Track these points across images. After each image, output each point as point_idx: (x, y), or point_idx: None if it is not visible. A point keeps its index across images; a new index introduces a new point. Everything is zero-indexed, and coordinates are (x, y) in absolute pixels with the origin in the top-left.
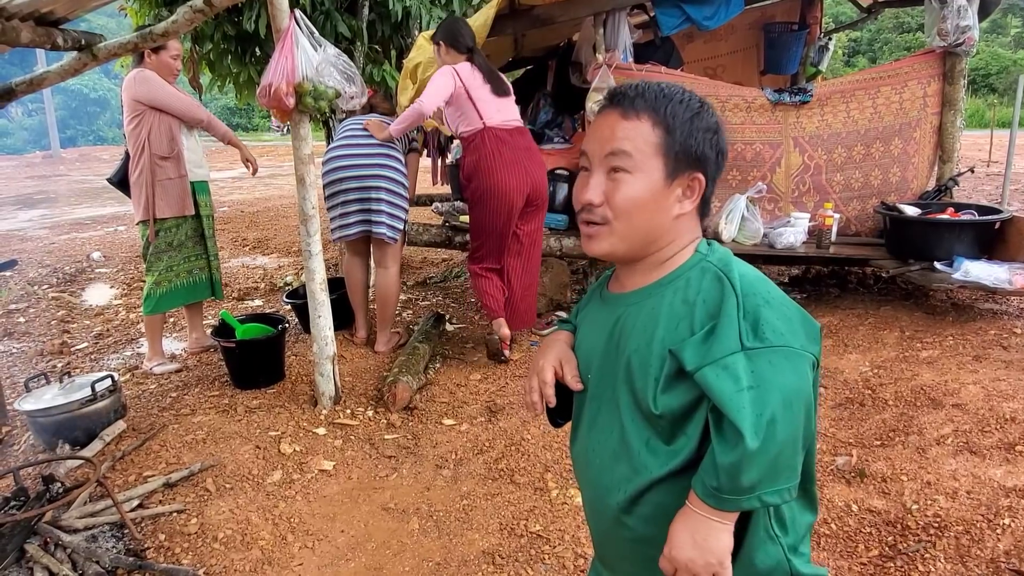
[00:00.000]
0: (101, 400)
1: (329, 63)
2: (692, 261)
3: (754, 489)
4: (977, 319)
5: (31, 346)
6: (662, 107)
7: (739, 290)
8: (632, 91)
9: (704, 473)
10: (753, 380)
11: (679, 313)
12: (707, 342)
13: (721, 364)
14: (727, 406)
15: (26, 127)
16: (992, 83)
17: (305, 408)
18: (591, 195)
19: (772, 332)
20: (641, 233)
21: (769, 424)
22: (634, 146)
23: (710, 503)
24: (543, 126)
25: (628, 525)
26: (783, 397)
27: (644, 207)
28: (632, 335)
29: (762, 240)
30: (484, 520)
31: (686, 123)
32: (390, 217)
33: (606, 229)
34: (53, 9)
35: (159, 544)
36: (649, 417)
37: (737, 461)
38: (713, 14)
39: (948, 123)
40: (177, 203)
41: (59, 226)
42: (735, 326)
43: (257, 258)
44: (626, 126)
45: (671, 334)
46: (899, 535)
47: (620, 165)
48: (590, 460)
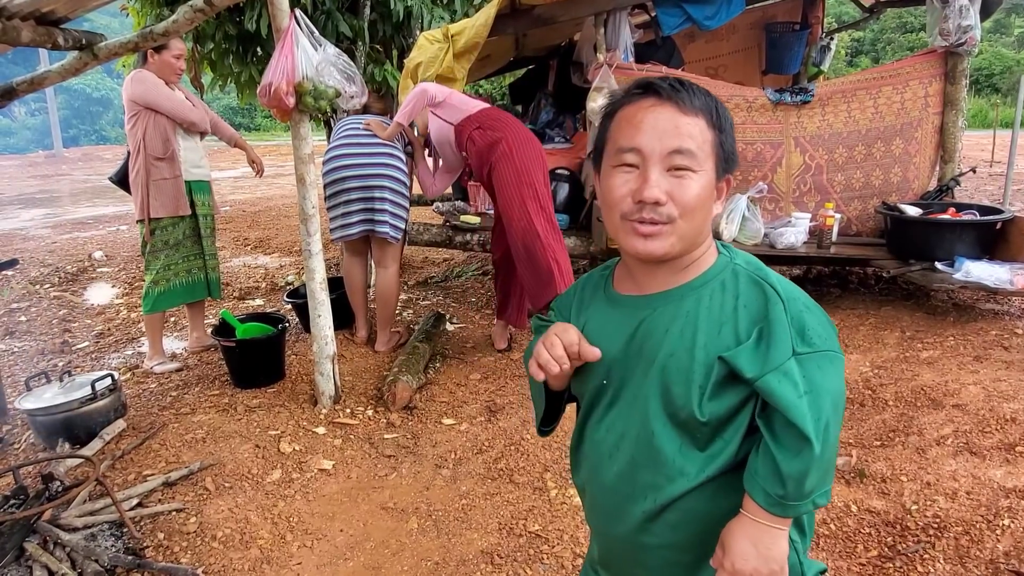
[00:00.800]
0: (101, 399)
1: (329, 62)
2: (720, 263)
3: (812, 493)
4: (978, 319)
5: (32, 345)
6: (713, 107)
7: (783, 295)
8: (681, 87)
9: (764, 481)
10: (807, 385)
11: (720, 318)
12: (761, 348)
13: (782, 370)
14: (792, 412)
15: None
16: (995, 83)
17: (305, 407)
18: (657, 192)
19: (817, 337)
20: (696, 233)
21: (826, 428)
22: (697, 144)
23: (775, 512)
24: (544, 126)
25: (653, 531)
26: (832, 400)
27: (704, 207)
28: (665, 340)
29: (763, 240)
30: (483, 520)
31: (730, 126)
32: (393, 216)
33: (669, 228)
34: (54, 8)
35: (158, 543)
36: (688, 423)
37: (805, 468)
38: (714, 14)
39: (950, 123)
40: (171, 203)
41: (61, 225)
42: (787, 331)
43: (259, 257)
44: (689, 123)
45: (714, 340)
46: (898, 536)
47: (686, 163)
48: (606, 467)
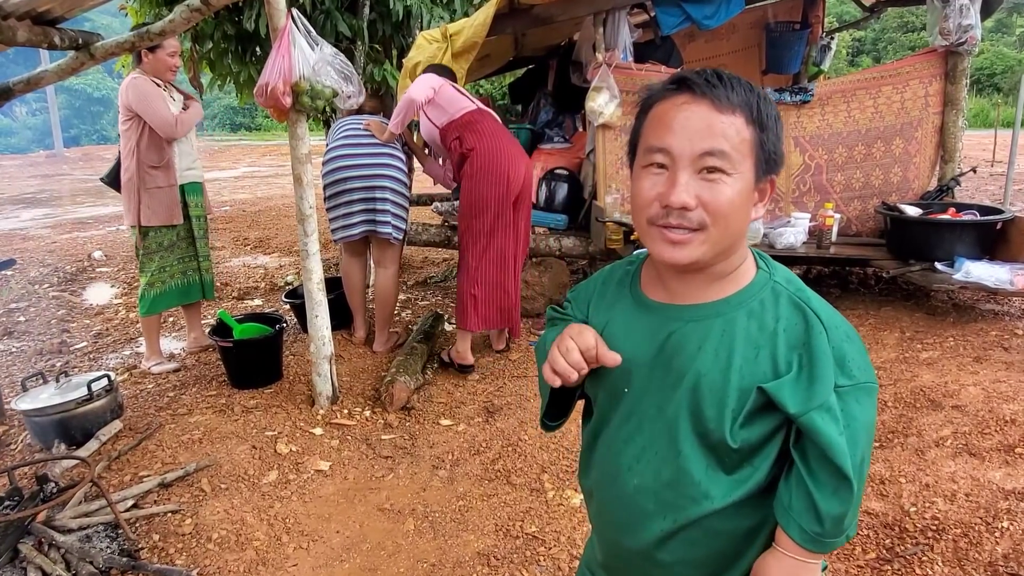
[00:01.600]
0: (97, 400)
1: (326, 62)
2: (760, 280)
3: (848, 528)
4: (978, 320)
5: (31, 345)
6: (754, 102)
7: (826, 323)
8: (719, 81)
9: (800, 518)
10: (845, 420)
11: (758, 342)
12: (803, 382)
13: (825, 407)
14: (834, 451)
15: (30, 126)
16: (997, 83)
17: (302, 408)
18: (686, 197)
19: (858, 369)
20: (731, 239)
21: (861, 463)
22: (732, 145)
23: (812, 548)
24: (544, 125)
25: (669, 548)
26: (867, 435)
27: (739, 212)
28: (698, 357)
29: (762, 240)
30: (480, 521)
31: (775, 122)
32: (395, 217)
33: (701, 235)
34: (50, 8)
35: (153, 544)
36: (716, 447)
37: (844, 507)
38: (713, 13)
39: (950, 123)
40: (165, 212)
41: (61, 225)
42: (830, 365)
43: (258, 257)
44: (723, 121)
45: (751, 365)
46: (897, 538)
47: (718, 165)
48: (625, 480)
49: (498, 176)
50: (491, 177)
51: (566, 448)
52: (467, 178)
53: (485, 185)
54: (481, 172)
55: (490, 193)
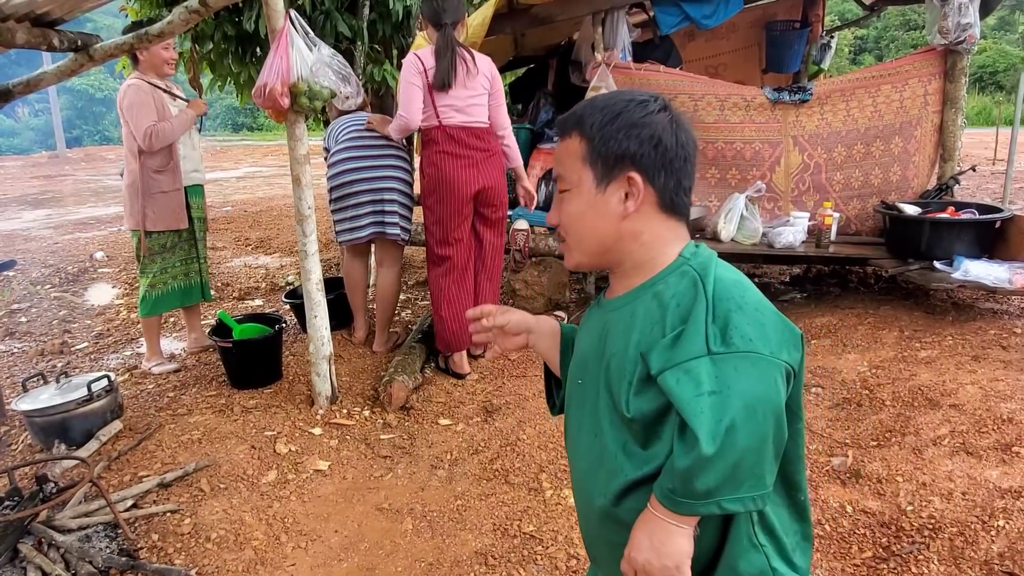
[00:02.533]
0: (97, 400)
1: (324, 63)
2: (673, 265)
3: (711, 495)
4: (977, 319)
5: (32, 346)
6: (587, 119)
7: (710, 294)
8: (569, 114)
9: (663, 475)
10: (716, 385)
11: (654, 316)
12: (673, 346)
13: (683, 368)
14: (684, 410)
15: (32, 127)
16: (999, 81)
17: (302, 408)
18: (551, 218)
19: (740, 338)
20: (591, 242)
21: (728, 431)
22: (566, 165)
23: (666, 505)
24: (543, 125)
25: (610, 527)
26: (745, 404)
27: (583, 218)
28: (614, 339)
29: (761, 239)
30: (478, 520)
31: (603, 127)
32: (402, 218)
33: (567, 244)
34: (49, 10)
35: (152, 544)
36: (625, 421)
37: (692, 466)
38: (712, 12)
39: (949, 121)
40: (170, 217)
41: (63, 226)
42: (702, 330)
43: (259, 257)
44: (560, 148)
45: (646, 337)
46: (893, 536)
47: (562, 186)
48: (576, 463)
49: (445, 195)
50: (437, 196)
51: (563, 448)
52: (423, 193)
53: (434, 202)
54: (428, 192)
55: (439, 211)
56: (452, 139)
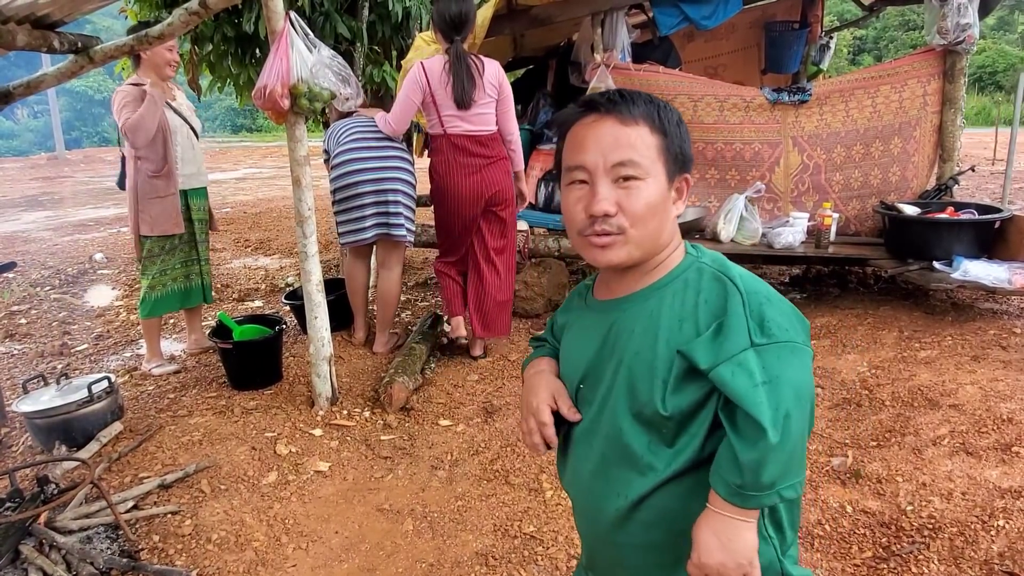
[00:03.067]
0: (98, 402)
1: (324, 64)
2: (686, 263)
3: (774, 484)
4: (976, 319)
5: (32, 347)
6: (655, 112)
7: (742, 288)
8: (621, 98)
9: (725, 472)
10: (765, 375)
11: (681, 314)
12: (718, 340)
13: (735, 361)
14: (746, 401)
15: (31, 129)
16: (999, 81)
17: (302, 409)
18: (606, 205)
19: (778, 328)
20: (653, 238)
21: (785, 418)
22: (640, 153)
23: (735, 502)
24: (543, 126)
25: (628, 530)
26: (794, 391)
27: (656, 211)
28: (631, 339)
29: (761, 240)
30: (478, 521)
31: (676, 126)
32: (407, 219)
33: (622, 238)
34: (50, 12)
35: (153, 545)
36: (653, 419)
37: (760, 457)
38: (711, 13)
39: (948, 122)
40: (166, 222)
41: (63, 227)
42: (744, 323)
43: (259, 259)
44: (629, 133)
45: (676, 335)
46: (893, 536)
47: (632, 173)
48: (582, 467)
49: (451, 208)
50: (446, 206)
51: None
52: (432, 200)
53: (443, 213)
54: (438, 202)
55: (449, 222)
56: (456, 148)
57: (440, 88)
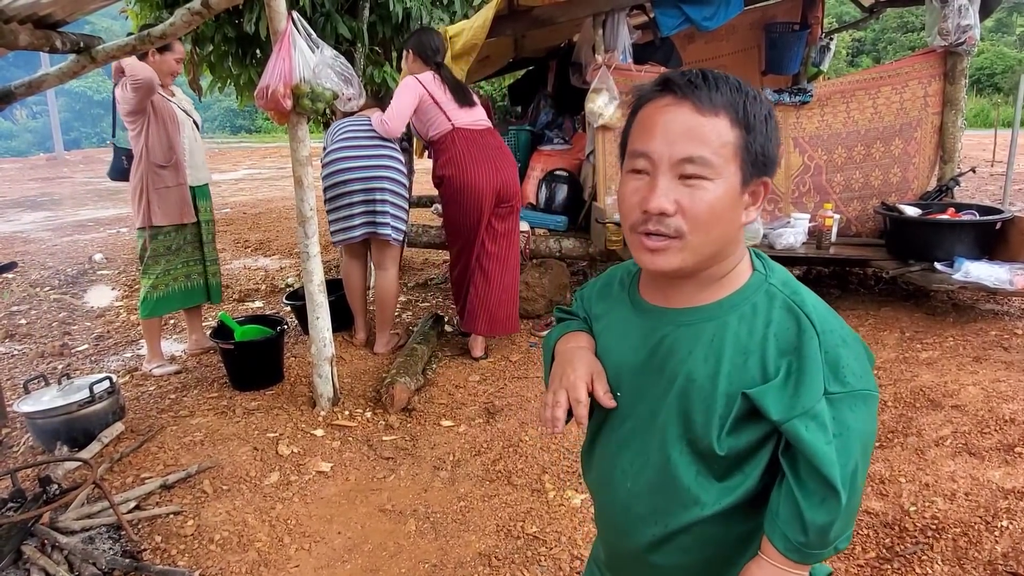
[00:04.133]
0: (99, 402)
1: (326, 65)
2: (754, 283)
3: (835, 540)
4: (978, 320)
5: (32, 348)
6: (740, 103)
7: (819, 328)
8: (703, 81)
9: (786, 527)
10: (836, 428)
11: (748, 346)
12: (789, 388)
13: (810, 415)
14: (820, 460)
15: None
16: (997, 82)
17: (304, 410)
18: (664, 203)
19: (852, 376)
20: (715, 246)
21: (853, 475)
22: (713, 149)
23: (793, 558)
24: (543, 127)
25: (663, 553)
26: (863, 444)
27: (722, 218)
28: (687, 362)
29: (762, 241)
30: (481, 522)
31: (763, 122)
32: (394, 219)
33: (678, 243)
34: (52, 12)
35: (156, 546)
36: (706, 454)
37: (831, 519)
38: (713, 14)
39: (949, 123)
40: (175, 211)
41: (62, 228)
42: (819, 370)
43: (259, 259)
44: (704, 124)
45: (739, 371)
46: (897, 537)
47: (699, 172)
48: (619, 484)
49: (467, 205)
50: (459, 203)
51: (567, 449)
52: (443, 202)
53: (454, 211)
54: (450, 200)
55: (461, 220)
56: (466, 138)
57: (439, 91)
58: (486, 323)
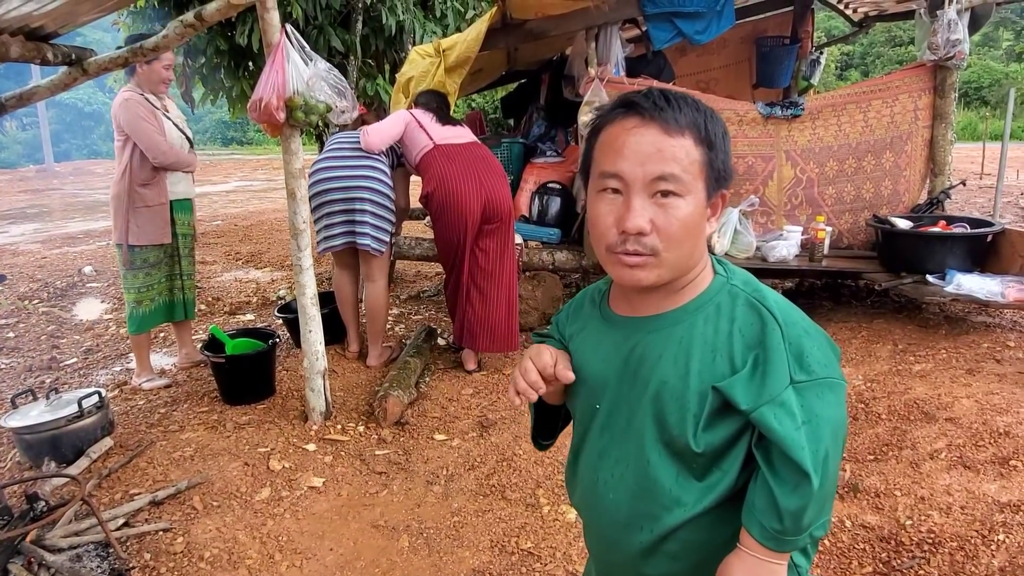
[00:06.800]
0: (88, 417)
1: (320, 77)
2: (716, 285)
3: (810, 526)
4: (970, 332)
5: (20, 361)
6: (702, 122)
7: (780, 320)
8: (667, 103)
9: (762, 515)
10: (805, 415)
11: (715, 344)
12: (757, 379)
13: (777, 402)
14: (789, 446)
15: (20, 141)
16: (984, 96)
17: (295, 424)
18: (641, 222)
19: (817, 364)
20: (687, 260)
21: (824, 460)
22: (682, 167)
23: (771, 546)
24: (536, 139)
25: (652, 562)
26: (832, 430)
27: (692, 232)
28: (659, 366)
29: (755, 253)
30: (475, 537)
31: (722, 139)
32: (374, 228)
33: (654, 260)
34: (44, 24)
35: (144, 563)
36: (683, 453)
37: (803, 503)
38: (704, 28)
39: (939, 136)
40: (154, 232)
41: (51, 240)
42: (784, 360)
43: (250, 272)
44: (673, 144)
45: (709, 368)
46: (893, 551)
47: (671, 189)
48: (602, 495)
49: (452, 220)
50: (445, 219)
51: (561, 463)
52: (431, 219)
53: (442, 227)
54: (436, 217)
55: (448, 236)
56: (447, 154)
57: (425, 117)
58: (487, 340)
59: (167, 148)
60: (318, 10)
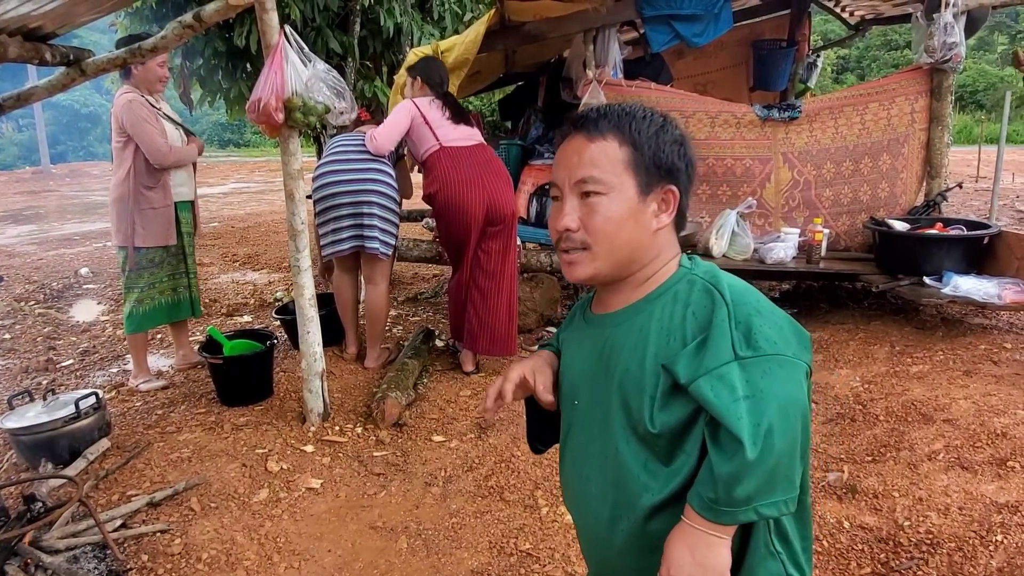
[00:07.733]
0: (85, 418)
1: (318, 78)
2: (678, 275)
3: (750, 501)
4: (967, 334)
5: (16, 363)
6: (626, 125)
7: (729, 300)
8: (594, 114)
9: (700, 485)
10: (748, 390)
11: (669, 328)
12: (700, 353)
13: (715, 374)
14: (724, 416)
15: (16, 142)
16: (980, 99)
17: (293, 425)
18: (567, 221)
19: (765, 341)
20: (623, 252)
21: (767, 434)
22: (603, 168)
23: (707, 516)
24: (534, 141)
25: (634, 554)
26: (779, 406)
27: (622, 226)
28: (622, 355)
29: (752, 255)
30: (473, 538)
31: (652, 137)
32: (383, 232)
33: (587, 254)
34: (41, 24)
35: (142, 565)
36: (646, 437)
37: (735, 471)
38: (702, 31)
39: (936, 139)
40: (160, 233)
41: (47, 242)
42: (727, 336)
43: (247, 273)
44: (592, 148)
45: (663, 350)
46: (891, 552)
47: (594, 189)
48: (584, 489)
49: (455, 222)
50: (448, 220)
51: (559, 475)
52: (435, 218)
53: (445, 227)
54: (439, 216)
55: (452, 235)
56: (452, 156)
57: (433, 111)
58: (487, 342)
59: (167, 150)
60: (316, 12)
